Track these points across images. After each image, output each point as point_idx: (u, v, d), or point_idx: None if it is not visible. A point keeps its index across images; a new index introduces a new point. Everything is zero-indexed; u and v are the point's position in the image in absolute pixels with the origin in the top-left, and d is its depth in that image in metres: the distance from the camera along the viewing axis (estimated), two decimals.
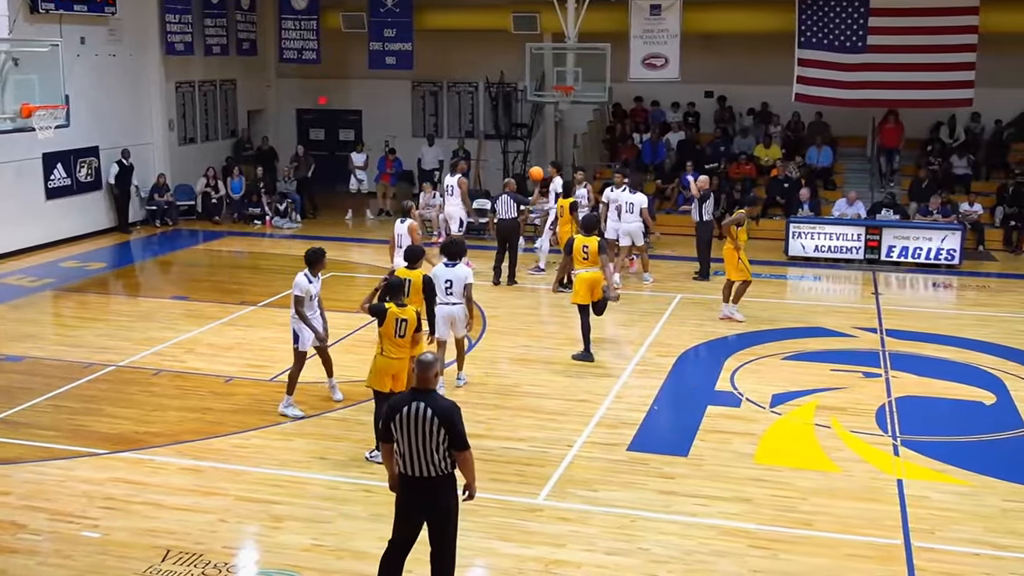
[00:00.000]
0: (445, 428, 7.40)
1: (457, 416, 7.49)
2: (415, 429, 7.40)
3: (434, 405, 7.44)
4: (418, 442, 7.41)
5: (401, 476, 7.61)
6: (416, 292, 11.66)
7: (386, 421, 7.56)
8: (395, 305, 10.58)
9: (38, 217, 21.67)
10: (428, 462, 7.45)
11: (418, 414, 7.40)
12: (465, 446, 7.52)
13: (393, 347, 10.53)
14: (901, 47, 22.50)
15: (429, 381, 7.54)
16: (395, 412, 7.50)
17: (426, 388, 7.53)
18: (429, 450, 7.42)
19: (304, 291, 11.86)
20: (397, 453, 7.55)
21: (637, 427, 12.00)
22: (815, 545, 9.20)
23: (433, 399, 7.49)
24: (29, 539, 9.22)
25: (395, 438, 7.52)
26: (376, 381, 10.61)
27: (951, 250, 20.64)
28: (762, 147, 25.32)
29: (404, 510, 7.70)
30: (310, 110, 29.98)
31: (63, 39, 18.28)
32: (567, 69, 23.53)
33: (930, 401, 13.09)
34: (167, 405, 12.53)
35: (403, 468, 7.55)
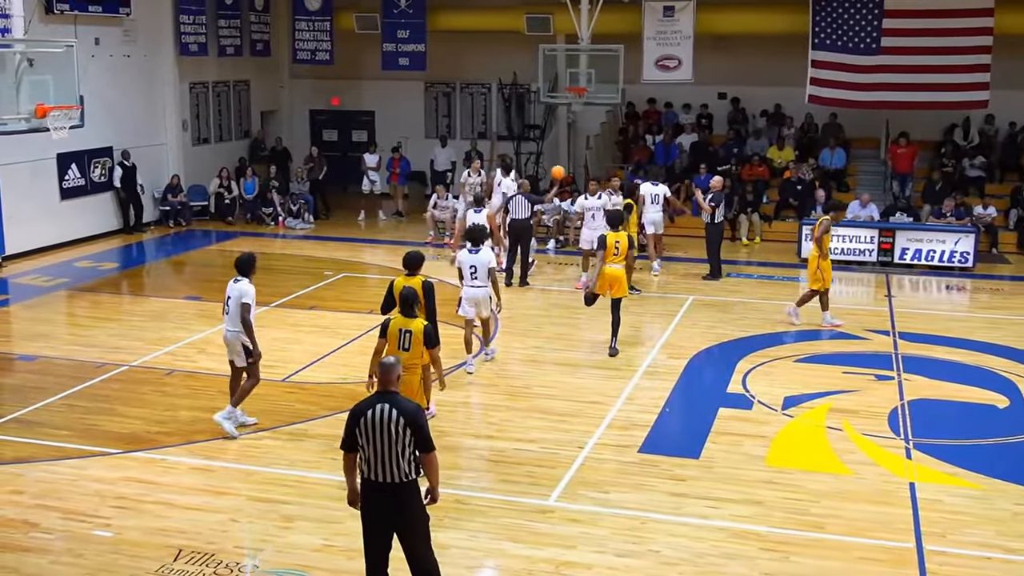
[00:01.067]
0: (411, 429, 7.37)
1: (423, 417, 7.51)
2: (382, 432, 7.36)
3: (399, 406, 7.41)
4: (385, 445, 7.36)
5: (365, 483, 7.53)
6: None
7: (350, 427, 7.46)
8: (402, 316, 10.39)
9: (52, 217, 21.75)
10: (395, 466, 7.38)
11: (383, 416, 7.36)
12: (431, 447, 7.50)
13: None
14: (915, 49, 22.42)
15: (391, 383, 7.52)
16: (360, 416, 7.43)
17: (389, 391, 7.51)
18: (396, 453, 7.36)
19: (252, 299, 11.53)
20: (362, 460, 7.48)
21: (648, 429, 11.99)
22: (826, 548, 9.18)
23: (397, 401, 7.46)
24: (41, 538, 9.26)
25: (360, 445, 7.44)
26: None
27: (964, 253, 20.57)
28: (775, 149, 25.28)
29: (370, 522, 7.63)
30: (323, 111, 30.03)
31: (78, 40, 18.30)
32: (580, 70, 23.51)
33: (943, 404, 13.05)
34: (179, 405, 12.57)
35: (369, 474, 7.47)
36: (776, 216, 23.53)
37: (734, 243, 22.23)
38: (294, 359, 14.39)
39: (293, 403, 12.79)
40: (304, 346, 14.90)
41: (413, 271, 11.62)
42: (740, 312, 17.19)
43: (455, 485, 10.35)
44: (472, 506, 9.91)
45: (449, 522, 9.54)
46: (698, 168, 23.31)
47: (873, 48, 22.58)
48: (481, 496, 10.12)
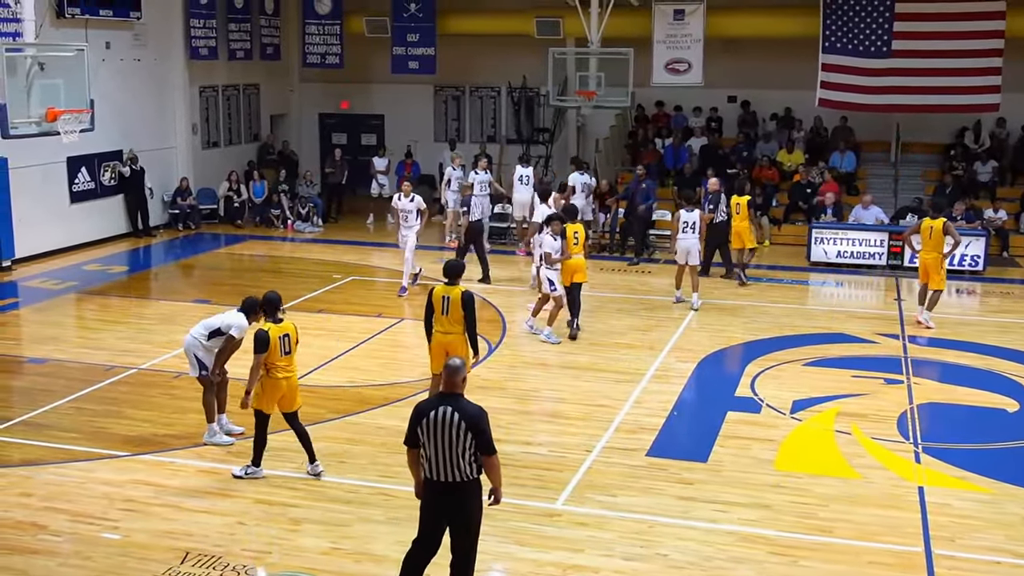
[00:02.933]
0: (473, 433, 7.40)
1: (485, 421, 7.49)
2: (443, 433, 7.40)
3: (461, 410, 7.44)
4: (446, 446, 7.41)
5: (427, 481, 7.61)
6: (456, 308, 11.46)
7: (413, 425, 7.55)
8: (273, 323, 10.36)
9: (62, 220, 21.81)
10: (455, 467, 7.45)
11: (445, 418, 7.40)
12: (492, 451, 7.53)
13: (280, 368, 10.31)
14: (926, 52, 22.37)
15: (456, 386, 7.53)
16: (422, 416, 7.49)
17: (453, 392, 7.53)
18: (456, 455, 7.42)
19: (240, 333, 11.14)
20: (424, 458, 7.55)
21: (656, 432, 11.97)
22: (835, 552, 9.15)
23: (460, 403, 7.48)
24: (50, 540, 9.27)
25: (421, 443, 7.51)
26: (264, 403, 10.36)
27: (975, 256, 20.51)
28: (785, 152, 25.23)
29: (429, 515, 7.71)
30: (333, 114, 30.06)
31: (88, 44, 18.37)
32: (590, 74, 23.52)
33: (952, 408, 13.01)
34: (187, 408, 12.57)
35: (430, 473, 7.55)
36: (785, 219, 23.48)
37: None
38: (302, 362, 14.26)
39: (302, 406, 12.75)
40: (312, 349, 14.89)
41: (453, 280, 11.63)
42: (749, 315, 17.16)
43: None
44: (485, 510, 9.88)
45: None
46: (707, 171, 23.25)
47: (884, 51, 22.53)
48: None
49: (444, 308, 11.46)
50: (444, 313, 11.47)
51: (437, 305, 11.49)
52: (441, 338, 11.54)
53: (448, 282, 11.65)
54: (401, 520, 9.63)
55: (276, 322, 10.39)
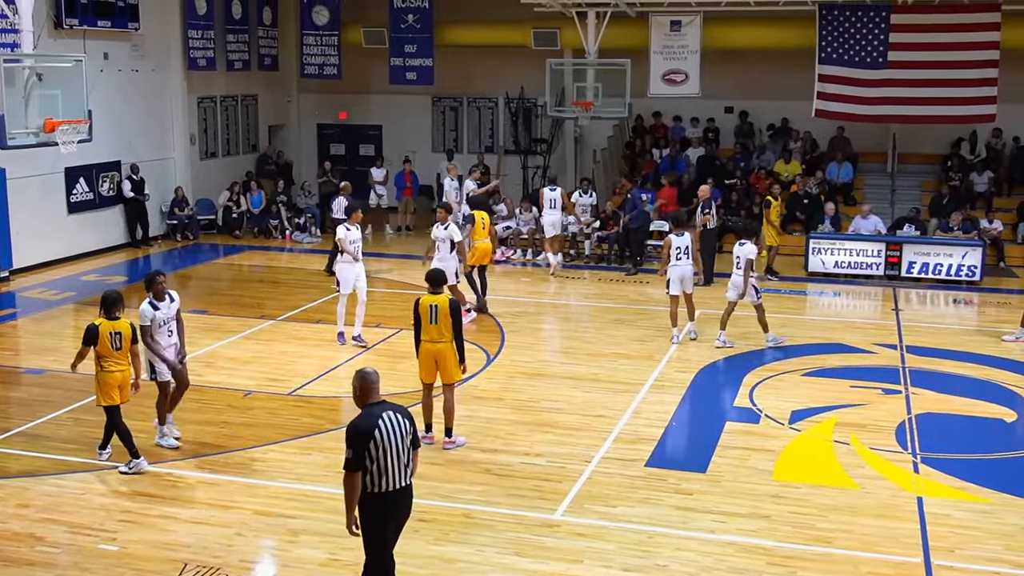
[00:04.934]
0: (414, 429, 7.69)
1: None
2: (398, 440, 7.52)
3: (400, 411, 7.67)
4: (400, 452, 7.54)
5: (377, 497, 7.50)
6: (444, 317, 11.37)
7: (362, 446, 7.38)
8: (107, 319, 10.92)
9: (60, 231, 21.81)
10: (406, 469, 7.63)
11: (395, 424, 7.53)
12: (419, 446, 7.87)
13: (112, 362, 10.86)
14: (922, 63, 22.40)
15: (377, 392, 7.67)
16: (372, 431, 7.39)
17: (381, 400, 7.67)
18: (406, 456, 7.61)
19: (150, 319, 11.24)
20: (373, 474, 7.43)
21: (655, 443, 11.97)
22: (834, 562, 9.14)
23: (395, 407, 7.69)
24: (48, 552, 9.25)
25: (372, 459, 7.39)
26: (105, 397, 10.90)
27: (972, 266, 20.53)
28: (782, 162, 25.27)
29: (388, 528, 7.69)
30: (331, 125, 30.09)
31: (87, 54, 18.42)
32: (587, 84, 23.57)
33: (950, 418, 13.01)
34: (185, 419, 12.54)
35: (380, 486, 7.47)
36: (783, 229, 23.49)
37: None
38: (300, 373, 14.39)
39: (299, 417, 12.78)
40: (310, 360, 14.90)
41: (437, 289, 11.58)
42: (747, 325, 17.14)
43: (462, 499, 10.35)
44: (478, 520, 9.90)
45: (456, 536, 9.54)
46: (705, 181, 23.28)
47: (880, 62, 22.57)
48: (487, 510, 10.10)
49: (433, 317, 11.35)
50: (433, 322, 11.37)
51: (425, 315, 11.39)
52: (431, 347, 11.50)
53: (432, 291, 11.55)
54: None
55: (111, 319, 10.92)
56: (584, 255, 22.73)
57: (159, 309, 11.35)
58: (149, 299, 11.35)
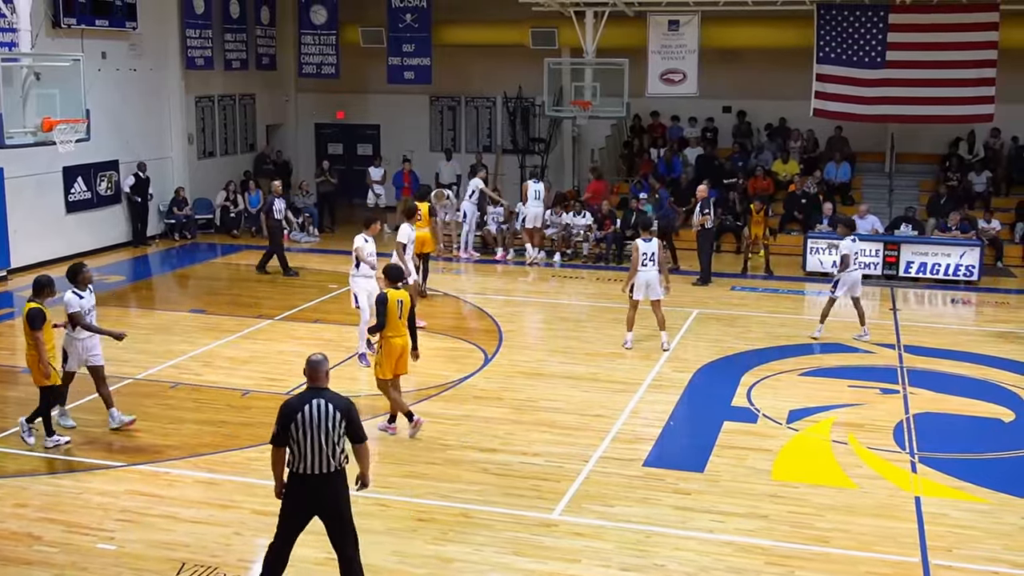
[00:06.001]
0: (346, 422, 7.76)
1: (355, 410, 7.93)
2: (319, 427, 7.66)
3: (334, 401, 7.78)
4: (321, 439, 7.67)
5: (297, 476, 7.81)
6: (407, 311, 11.74)
7: (285, 424, 7.74)
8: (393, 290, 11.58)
9: (58, 230, 21.79)
10: (329, 457, 7.71)
11: (320, 411, 7.68)
12: (365, 437, 7.98)
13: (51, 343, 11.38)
14: (920, 63, 22.40)
15: (322, 379, 7.85)
16: (295, 413, 7.71)
17: (319, 386, 7.82)
18: (331, 445, 7.69)
19: (77, 307, 11.69)
20: (294, 454, 7.74)
21: (653, 442, 11.97)
22: (832, 562, 9.14)
23: (331, 396, 7.82)
24: (45, 551, 9.24)
25: (293, 440, 7.70)
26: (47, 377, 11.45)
27: (970, 266, 20.55)
28: (780, 162, 25.28)
29: (299, 509, 7.92)
30: (329, 124, 30.09)
31: (84, 54, 18.38)
32: (585, 84, 23.58)
33: (948, 418, 13.02)
34: (183, 418, 12.57)
35: (301, 468, 7.75)
36: (781, 229, 23.51)
37: (738, 255, 22.22)
38: (298, 372, 14.21)
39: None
40: None
41: (395, 283, 11.84)
42: (745, 325, 17.18)
43: (460, 499, 10.35)
44: (477, 519, 9.90)
45: (454, 535, 9.54)
46: (702, 181, 23.29)
47: (878, 62, 22.56)
48: (486, 509, 10.10)
49: (401, 312, 11.65)
50: (401, 317, 11.67)
51: (395, 310, 11.60)
52: (399, 341, 11.72)
53: (393, 285, 11.79)
54: (397, 530, 9.64)
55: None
56: (582, 255, 22.73)
57: (83, 298, 11.80)
58: (73, 289, 11.80)
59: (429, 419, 12.59)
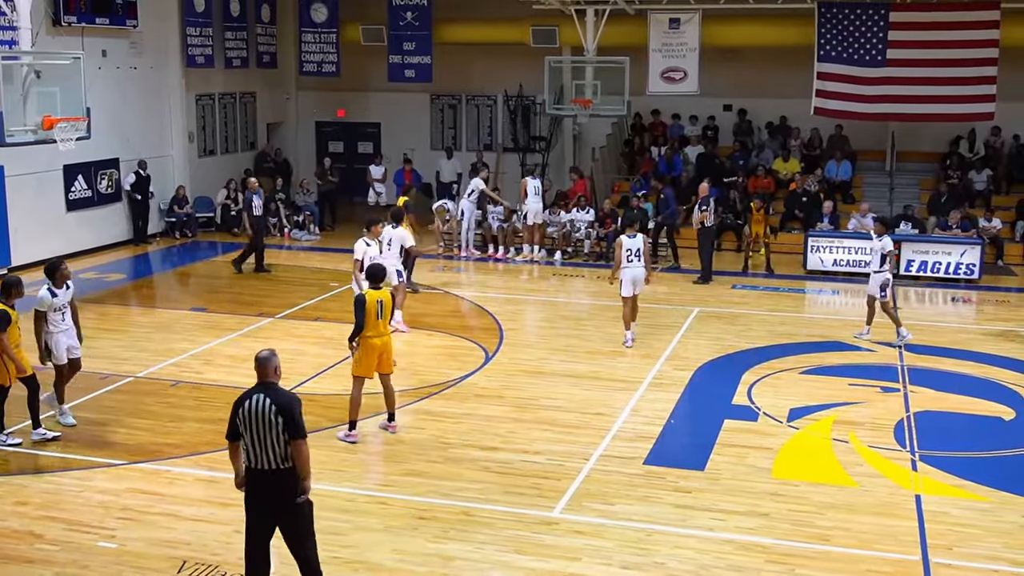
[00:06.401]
0: (283, 418, 7.64)
1: (296, 407, 7.77)
2: (258, 422, 7.66)
3: (273, 396, 7.73)
4: (263, 434, 7.67)
5: (249, 470, 7.83)
6: (387, 311, 11.72)
7: (232, 418, 7.81)
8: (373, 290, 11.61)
9: (58, 229, 21.78)
10: (273, 454, 7.69)
11: (259, 406, 7.67)
12: (301, 435, 7.74)
13: None
14: (921, 61, 22.40)
15: (269, 375, 7.82)
16: (239, 406, 7.76)
17: (266, 381, 7.81)
18: (271, 441, 7.66)
19: (46, 306, 11.81)
20: (246, 447, 7.77)
21: (654, 441, 11.97)
22: (832, 560, 9.15)
23: (273, 391, 7.78)
24: (46, 549, 9.25)
25: (242, 433, 7.74)
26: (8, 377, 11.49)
27: (970, 265, 20.55)
28: (781, 161, 25.27)
29: (249, 506, 7.91)
30: (329, 122, 30.09)
31: (85, 52, 18.35)
32: (586, 82, 23.57)
33: (949, 416, 13.02)
34: (184, 416, 12.57)
35: (251, 462, 7.78)
36: (782, 228, 23.51)
37: (739, 253, 22.23)
38: (299, 371, 14.38)
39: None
40: (309, 358, 14.89)
41: (377, 284, 11.82)
42: (745, 324, 17.18)
43: (460, 497, 10.35)
44: (477, 517, 9.90)
45: (455, 533, 9.55)
46: (703, 179, 23.28)
47: (879, 60, 22.56)
48: (487, 508, 10.11)
49: (379, 312, 11.60)
50: (379, 317, 11.62)
51: (373, 310, 11.56)
52: (377, 342, 11.66)
53: (373, 286, 11.80)
54: (398, 529, 9.65)
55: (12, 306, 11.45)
56: (583, 253, 22.73)
57: (56, 296, 11.91)
58: (49, 286, 11.93)
59: (430, 417, 12.62)
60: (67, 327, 12.06)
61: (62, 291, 11.97)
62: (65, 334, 12.03)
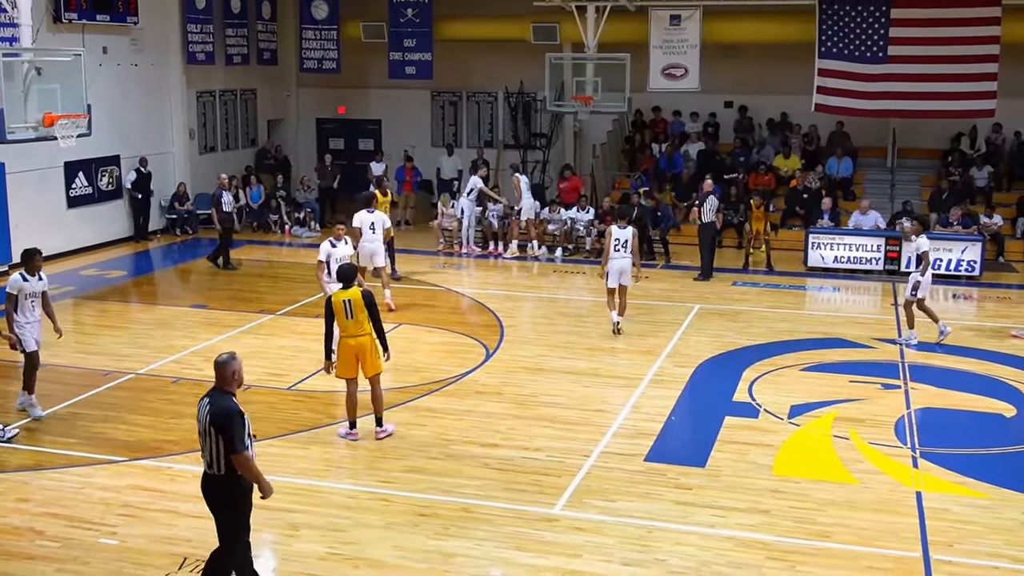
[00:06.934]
0: (216, 428, 7.55)
1: (230, 420, 7.57)
2: (200, 425, 7.67)
3: (213, 404, 7.64)
4: (202, 438, 7.67)
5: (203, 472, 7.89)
6: (360, 310, 11.37)
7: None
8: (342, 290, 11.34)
9: (59, 225, 21.79)
10: (210, 459, 7.68)
11: (201, 411, 7.68)
12: (235, 450, 7.58)
13: None
14: (922, 58, 22.38)
15: (224, 380, 7.73)
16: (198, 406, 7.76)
17: (219, 387, 7.74)
18: (209, 446, 7.64)
19: (16, 289, 12.00)
20: None
21: (654, 437, 11.96)
22: (833, 557, 9.14)
23: (216, 399, 7.67)
24: (47, 546, 9.25)
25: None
26: None
27: (971, 261, 20.53)
28: (781, 157, 25.26)
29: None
30: (330, 119, 30.07)
31: (85, 49, 18.38)
32: (586, 79, 23.56)
33: (949, 413, 13.01)
34: (185, 413, 12.54)
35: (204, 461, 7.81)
36: (782, 225, 23.50)
37: (740, 249, 22.23)
38: (300, 367, 14.40)
39: (299, 411, 12.79)
40: (310, 354, 14.88)
41: (348, 284, 11.57)
42: (746, 320, 17.17)
43: (461, 493, 10.36)
44: (478, 514, 9.90)
45: (455, 530, 9.54)
46: (704, 177, 23.28)
47: (880, 57, 22.55)
48: (487, 504, 10.11)
49: (348, 312, 11.36)
50: (349, 317, 11.37)
51: (340, 311, 11.37)
52: (351, 342, 11.46)
53: (344, 286, 11.55)
54: (399, 525, 9.65)
55: None
56: (584, 250, 22.72)
57: (28, 282, 12.07)
58: (21, 272, 12.09)
59: (430, 414, 12.62)
60: (36, 320, 12.20)
61: (34, 279, 12.11)
62: (32, 327, 12.16)
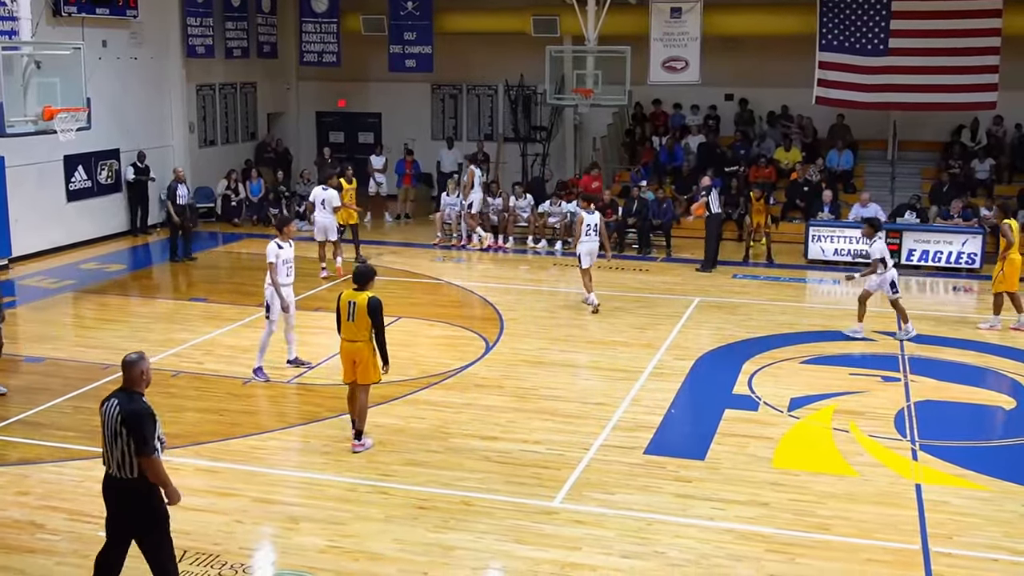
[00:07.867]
0: (127, 429, 7.35)
1: (143, 421, 7.39)
2: (107, 427, 7.44)
3: (123, 404, 7.43)
4: (110, 440, 7.43)
5: (105, 477, 7.59)
6: (362, 316, 10.82)
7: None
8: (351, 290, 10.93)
9: (59, 219, 21.78)
10: (120, 462, 7.42)
11: (109, 412, 7.45)
12: (145, 452, 7.37)
13: None
14: (923, 50, 22.36)
15: (132, 381, 7.55)
16: (101, 406, 7.56)
17: (127, 387, 7.54)
18: (119, 450, 7.39)
19: None
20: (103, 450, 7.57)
21: (654, 430, 11.97)
22: (832, 549, 9.15)
23: (126, 399, 7.47)
24: (47, 539, 9.27)
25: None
26: None
27: (972, 254, 20.52)
28: (782, 150, 25.24)
29: (107, 509, 7.68)
30: (330, 113, 30.05)
31: (85, 42, 18.35)
32: (587, 72, 23.47)
33: (949, 406, 13.01)
34: (185, 406, 12.58)
35: (105, 465, 7.55)
36: (783, 217, 23.48)
37: (740, 242, 22.22)
38: None
39: (299, 404, 12.80)
40: (310, 348, 14.87)
41: (363, 286, 10.99)
42: (746, 313, 17.17)
43: (461, 486, 10.37)
44: (478, 507, 9.91)
45: (455, 523, 9.55)
46: (705, 170, 23.28)
47: (881, 49, 22.52)
48: (487, 497, 10.11)
49: (350, 314, 10.87)
50: (350, 319, 10.88)
51: (343, 311, 10.93)
52: (347, 346, 10.99)
53: (357, 288, 10.97)
54: (399, 518, 9.65)
55: None
56: None
57: None
58: None
59: (430, 407, 12.62)
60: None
61: None
62: None
